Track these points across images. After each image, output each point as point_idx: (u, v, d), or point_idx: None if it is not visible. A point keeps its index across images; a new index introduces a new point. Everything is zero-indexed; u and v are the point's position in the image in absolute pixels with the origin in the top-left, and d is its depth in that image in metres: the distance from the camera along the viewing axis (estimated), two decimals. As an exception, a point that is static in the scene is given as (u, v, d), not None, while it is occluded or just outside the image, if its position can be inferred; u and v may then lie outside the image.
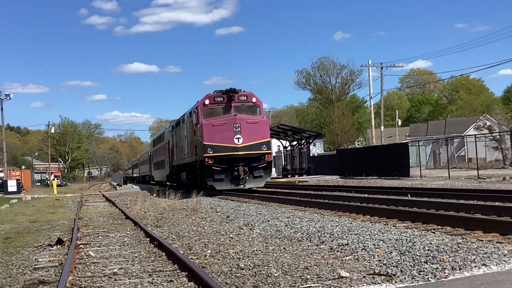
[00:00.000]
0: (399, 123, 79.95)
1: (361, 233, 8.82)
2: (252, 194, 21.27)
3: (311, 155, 47.01)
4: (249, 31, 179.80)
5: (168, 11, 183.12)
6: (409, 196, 15.99)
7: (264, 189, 24.71)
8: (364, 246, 7.76)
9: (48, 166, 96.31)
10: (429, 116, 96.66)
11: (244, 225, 11.52)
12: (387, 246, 7.54)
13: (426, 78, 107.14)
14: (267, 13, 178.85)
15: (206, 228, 11.39)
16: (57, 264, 8.01)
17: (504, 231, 8.11)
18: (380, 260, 6.79)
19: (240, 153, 22.48)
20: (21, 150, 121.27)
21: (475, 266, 6.06)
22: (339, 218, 11.43)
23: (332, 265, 6.73)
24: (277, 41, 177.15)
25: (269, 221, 11.61)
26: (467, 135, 44.11)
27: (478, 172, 27.68)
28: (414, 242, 7.56)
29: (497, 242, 7.38)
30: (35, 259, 8.64)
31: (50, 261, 8.38)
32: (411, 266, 6.30)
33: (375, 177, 33.67)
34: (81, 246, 9.67)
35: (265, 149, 23.01)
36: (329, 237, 8.84)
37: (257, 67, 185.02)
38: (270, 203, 17.06)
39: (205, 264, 7.26)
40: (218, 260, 7.54)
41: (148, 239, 10.15)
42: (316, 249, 7.99)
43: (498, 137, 42.06)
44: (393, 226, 9.71)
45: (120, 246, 9.63)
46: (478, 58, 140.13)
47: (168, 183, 36.61)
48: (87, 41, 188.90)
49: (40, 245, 10.31)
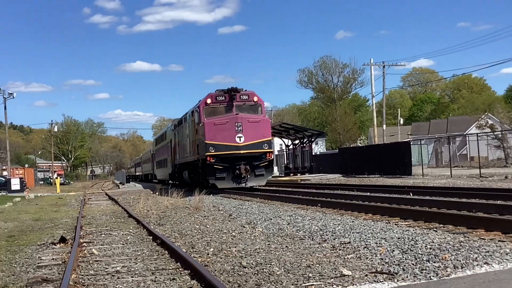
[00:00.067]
0: (401, 122, 79.86)
1: (363, 232, 8.84)
2: (255, 193, 21.30)
3: (313, 154, 47.05)
4: (252, 30, 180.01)
5: (171, 10, 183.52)
6: (411, 195, 15.99)
7: (267, 188, 24.74)
8: (366, 245, 7.77)
9: (51, 165, 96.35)
10: (431, 115, 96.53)
11: (247, 224, 11.54)
12: (389, 245, 7.55)
13: (428, 77, 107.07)
14: (269, 12, 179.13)
15: (209, 226, 11.42)
16: (60, 262, 8.04)
17: (506, 230, 8.11)
18: (382, 259, 6.80)
19: (242, 152, 22.53)
20: (25, 149, 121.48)
21: (477, 265, 6.07)
22: (341, 217, 11.45)
23: (334, 264, 6.74)
24: (280, 40, 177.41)
25: (272, 220, 11.63)
26: (469, 134, 44.02)
27: (480, 171, 27.66)
28: (416, 241, 7.57)
29: (499, 241, 7.39)
30: (39, 257, 8.67)
31: (53, 259, 8.40)
32: (413, 265, 6.31)
33: (377, 176, 33.66)
34: (84, 244, 9.70)
35: (267, 148, 23.08)
36: (331, 236, 8.86)
37: (260, 66, 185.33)
38: (273, 202, 17.09)
39: (208, 262, 7.29)
40: (221, 258, 7.56)
41: (151, 237, 10.18)
42: (318, 248, 8.01)
43: (500, 136, 41.98)
44: (395, 225, 9.72)
45: (123, 244, 9.66)
46: (480, 57, 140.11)
47: (171, 182, 36.67)
48: (90, 40, 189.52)
49: (43, 243, 10.33)
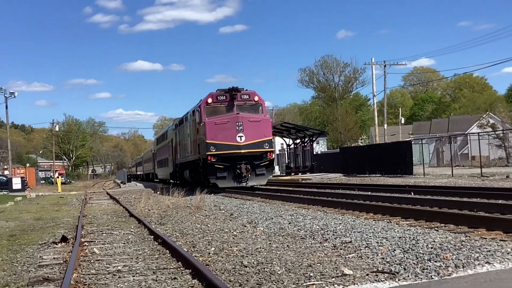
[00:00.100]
0: (402, 121, 79.87)
1: (365, 231, 8.83)
2: (256, 192, 21.31)
3: (314, 153, 47.02)
4: (253, 29, 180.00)
5: (172, 10, 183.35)
6: (412, 194, 15.99)
7: (268, 187, 24.74)
8: (368, 244, 7.77)
9: (53, 164, 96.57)
10: (432, 114, 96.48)
11: (248, 223, 11.54)
12: (391, 244, 7.55)
13: (430, 76, 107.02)
14: (271, 11, 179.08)
15: (210, 226, 11.42)
16: (62, 262, 8.05)
17: (508, 229, 8.10)
18: (384, 258, 6.80)
19: (243, 151, 22.55)
20: (26, 148, 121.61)
21: (479, 264, 6.06)
22: (343, 216, 11.45)
23: (336, 263, 6.74)
24: (281, 39, 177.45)
25: (273, 219, 11.63)
26: (471, 133, 43.96)
27: (482, 170, 27.67)
28: (418, 240, 7.57)
29: (501, 240, 7.38)
30: (40, 257, 8.68)
31: (55, 259, 8.41)
32: (415, 264, 6.30)
33: (378, 175, 33.65)
34: (86, 244, 9.71)
35: (267, 147, 23.10)
36: (333, 235, 8.85)
37: (261, 65, 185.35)
38: (274, 201, 17.09)
39: (209, 262, 7.29)
40: (222, 258, 7.56)
41: (152, 237, 10.19)
42: (320, 247, 8.01)
43: (502, 135, 41.94)
44: (396, 224, 9.72)
45: (124, 244, 9.66)
46: (482, 56, 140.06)
47: (172, 181, 36.68)
48: (91, 40, 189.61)
49: (45, 243, 10.34)
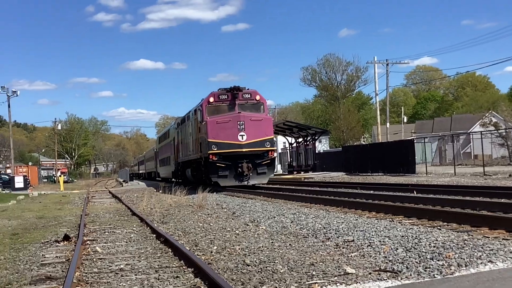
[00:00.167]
0: (405, 120, 79.82)
1: (367, 230, 8.82)
2: (258, 191, 21.32)
3: (317, 152, 47.01)
4: (255, 28, 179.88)
5: (174, 8, 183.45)
6: (415, 193, 15.97)
7: (270, 186, 24.76)
8: (370, 243, 7.76)
9: (55, 163, 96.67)
10: (435, 113, 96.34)
11: (250, 222, 11.54)
12: (393, 243, 7.54)
13: (432, 75, 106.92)
14: (273, 10, 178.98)
15: (212, 225, 11.42)
16: (64, 260, 8.06)
17: (511, 228, 8.08)
18: (386, 257, 6.79)
19: (244, 150, 22.61)
20: (28, 147, 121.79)
21: (481, 263, 6.05)
22: (345, 215, 11.44)
23: (338, 262, 6.74)
24: (283, 38, 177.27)
25: (275, 218, 11.63)
26: (473, 132, 43.89)
27: (484, 169, 27.61)
28: (420, 239, 7.55)
29: (503, 239, 7.37)
30: (42, 255, 8.69)
31: (57, 257, 8.42)
32: (417, 263, 6.29)
33: (381, 174, 33.61)
34: (88, 242, 9.72)
35: (269, 146, 23.18)
36: (335, 234, 8.85)
37: (263, 64, 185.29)
38: (276, 200, 17.09)
39: (211, 261, 7.29)
40: (224, 257, 7.56)
41: (154, 235, 10.19)
42: (322, 246, 8.00)
43: (504, 134, 41.91)
44: (399, 223, 9.70)
45: (127, 242, 9.67)
46: (484, 55, 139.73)
47: (174, 180, 36.71)
48: (94, 38, 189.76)
49: (47, 241, 10.36)
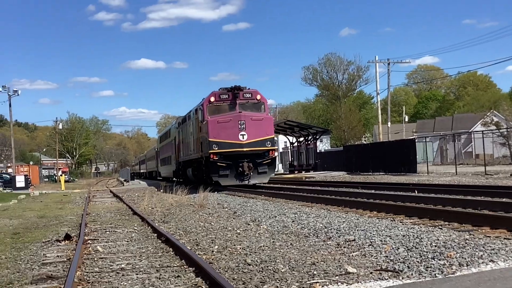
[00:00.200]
0: (406, 119, 79.79)
1: (368, 229, 8.82)
2: (259, 190, 21.32)
3: (318, 151, 47.00)
4: (256, 27, 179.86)
5: (175, 8, 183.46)
6: (416, 192, 15.96)
7: (271, 185, 24.76)
8: (371, 242, 7.76)
9: (56, 162, 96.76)
10: (436, 112, 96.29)
11: (251, 221, 11.54)
12: (394, 242, 7.54)
13: (433, 74, 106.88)
14: (274, 9, 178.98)
15: (213, 224, 11.42)
16: (65, 260, 8.07)
17: (512, 228, 8.08)
18: (387, 256, 6.79)
19: (245, 150, 22.66)
20: (29, 146, 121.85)
21: (483, 262, 6.04)
22: (346, 214, 11.43)
23: (339, 261, 6.73)
24: (284, 37, 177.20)
25: (276, 217, 11.62)
26: (474, 131, 43.86)
27: (486, 168, 27.57)
28: (421, 238, 7.55)
29: (505, 238, 7.36)
30: (43, 255, 8.70)
31: (58, 257, 8.43)
32: (418, 262, 6.29)
33: (382, 173, 33.60)
34: (89, 242, 9.72)
35: (269, 146, 23.21)
36: (336, 233, 8.84)
37: (264, 63, 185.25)
38: (277, 199, 17.08)
39: (212, 260, 7.28)
40: (225, 256, 7.56)
41: (156, 235, 10.19)
42: (323, 245, 8.00)
43: (506, 133, 41.86)
44: (400, 222, 9.70)
45: (128, 242, 9.67)
46: (486, 54, 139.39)
47: (175, 179, 36.72)
48: (95, 38, 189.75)
49: (48, 241, 10.37)
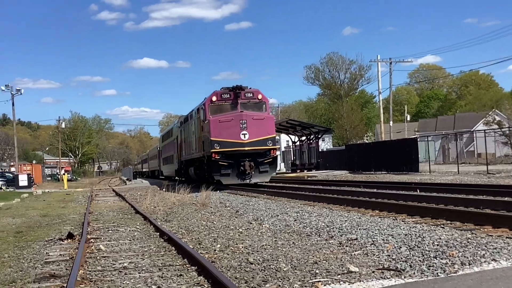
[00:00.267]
0: (408, 118, 79.73)
1: (370, 228, 8.82)
2: (261, 189, 21.34)
3: (320, 150, 46.96)
4: (258, 27, 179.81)
5: (178, 7, 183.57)
6: (418, 191, 15.95)
7: (273, 184, 24.77)
8: (373, 241, 7.76)
9: (59, 161, 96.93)
10: (438, 111, 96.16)
11: (253, 220, 11.54)
12: (396, 241, 7.54)
13: (435, 73, 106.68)
14: (276, 8, 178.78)
15: (216, 223, 11.43)
16: (68, 258, 8.08)
17: (514, 227, 8.08)
18: (389, 255, 6.79)
19: (246, 149, 22.74)
20: (32, 145, 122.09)
21: (485, 261, 6.05)
22: (348, 213, 11.44)
23: (341, 260, 6.74)
24: (286, 36, 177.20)
25: (278, 216, 11.63)
26: (477, 130, 43.84)
27: (488, 167, 27.55)
28: (424, 237, 7.55)
29: (507, 237, 7.36)
30: (46, 253, 8.71)
31: (61, 255, 8.45)
32: (421, 261, 6.29)
33: (384, 172, 33.59)
34: (92, 240, 9.74)
35: (271, 145, 23.27)
36: (338, 232, 8.85)
37: (266, 62, 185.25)
38: (279, 198, 17.10)
39: (215, 259, 7.30)
40: (228, 255, 7.57)
41: (158, 234, 10.20)
42: (325, 244, 8.00)
43: (508, 132, 41.79)
44: (402, 221, 9.70)
45: (130, 241, 9.68)
46: (488, 53, 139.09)
47: (177, 178, 36.75)
48: (97, 37, 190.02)
49: (51, 239, 10.39)
